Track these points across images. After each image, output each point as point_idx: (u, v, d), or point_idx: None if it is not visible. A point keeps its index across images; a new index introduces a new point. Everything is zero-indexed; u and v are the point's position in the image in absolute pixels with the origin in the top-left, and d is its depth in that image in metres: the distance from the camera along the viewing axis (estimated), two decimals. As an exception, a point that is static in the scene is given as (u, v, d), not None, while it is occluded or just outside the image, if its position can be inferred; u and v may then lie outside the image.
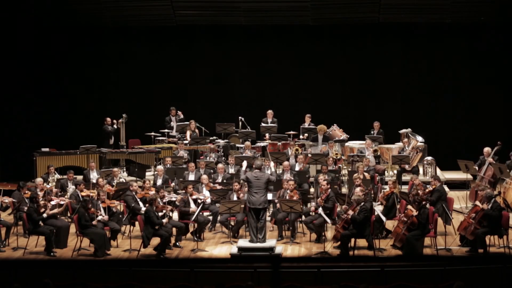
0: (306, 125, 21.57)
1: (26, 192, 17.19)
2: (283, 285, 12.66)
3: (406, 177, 19.55)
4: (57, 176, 19.24)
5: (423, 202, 15.69)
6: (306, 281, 13.35)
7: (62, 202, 16.77)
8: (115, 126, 21.86)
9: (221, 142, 21.26)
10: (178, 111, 22.11)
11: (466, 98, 23.00)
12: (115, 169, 19.25)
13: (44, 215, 15.98)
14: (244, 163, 17.57)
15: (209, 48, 23.62)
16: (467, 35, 22.95)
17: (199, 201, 16.82)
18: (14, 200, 16.86)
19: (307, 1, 22.31)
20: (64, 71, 23.47)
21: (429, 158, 20.48)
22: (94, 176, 19.04)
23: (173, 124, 21.97)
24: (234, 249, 15.87)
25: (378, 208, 16.50)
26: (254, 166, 16.43)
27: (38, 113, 22.93)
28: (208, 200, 17.41)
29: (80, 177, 19.70)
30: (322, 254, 15.78)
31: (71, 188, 18.16)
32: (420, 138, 20.53)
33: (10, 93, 22.49)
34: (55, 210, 16.35)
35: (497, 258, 15.13)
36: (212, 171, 19.00)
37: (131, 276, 13.59)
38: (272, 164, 19.48)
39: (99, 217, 16.10)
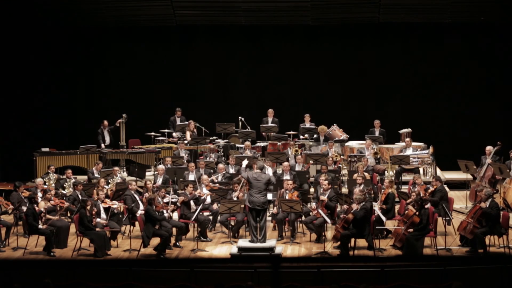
0: (306, 125, 21.56)
1: (24, 191, 17.17)
2: (283, 285, 12.67)
3: (406, 177, 19.55)
4: (54, 175, 19.13)
5: (424, 203, 15.69)
6: (306, 281, 13.36)
7: (61, 205, 16.75)
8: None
9: (221, 142, 21.26)
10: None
11: (466, 98, 22.99)
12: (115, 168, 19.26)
13: (40, 226, 15.91)
14: (244, 162, 17.41)
15: (209, 48, 23.62)
16: (467, 35, 22.94)
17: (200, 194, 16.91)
18: (10, 201, 16.86)
19: (307, 1, 22.30)
20: (64, 71, 23.46)
21: (429, 158, 20.43)
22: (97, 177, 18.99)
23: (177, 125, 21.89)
24: (234, 249, 15.87)
25: (378, 208, 16.48)
26: (256, 166, 16.38)
27: (38, 113, 22.93)
28: (208, 199, 17.41)
29: (80, 177, 19.75)
30: (322, 254, 15.77)
31: (70, 186, 18.16)
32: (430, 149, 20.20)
33: (10, 93, 22.48)
34: (55, 218, 16.28)
35: (497, 258, 15.14)
36: (212, 171, 19.01)
37: (131, 276, 13.60)
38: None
39: (98, 219, 16.10)
